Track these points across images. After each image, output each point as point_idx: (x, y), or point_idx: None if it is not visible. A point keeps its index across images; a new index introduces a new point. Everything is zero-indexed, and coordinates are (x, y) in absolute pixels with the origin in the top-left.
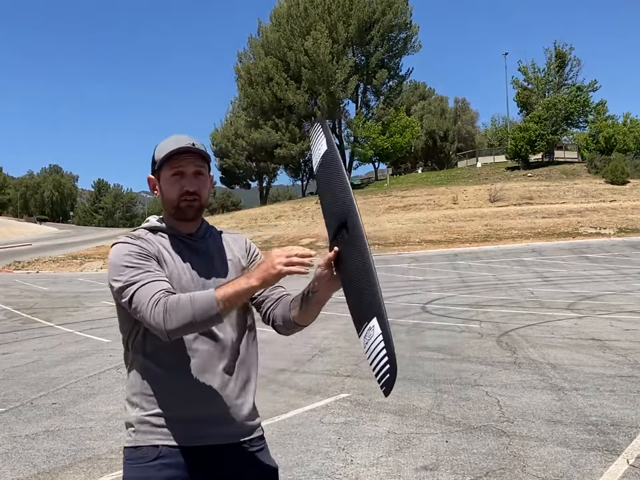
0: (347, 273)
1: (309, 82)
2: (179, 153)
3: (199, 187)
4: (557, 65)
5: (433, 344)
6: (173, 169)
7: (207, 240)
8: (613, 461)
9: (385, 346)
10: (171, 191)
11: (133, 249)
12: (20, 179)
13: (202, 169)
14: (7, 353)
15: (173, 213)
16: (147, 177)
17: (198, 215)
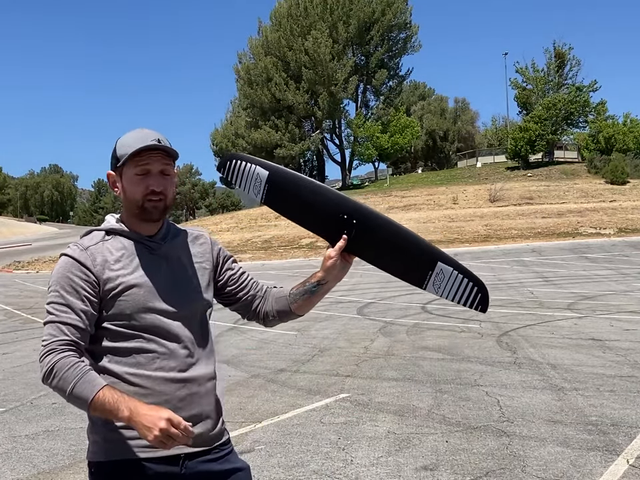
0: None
1: (309, 82)
2: (144, 150)
3: (165, 187)
4: (556, 65)
5: (433, 344)
6: (138, 167)
7: (170, 241)
8: (613, 461)
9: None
10: (135, 191)
11: (72, 273)
12: (20, 179)
13: (168, 168)
14: (7, 353)
15: (137, 213)
16: (106, 173)
17: (163, 215)
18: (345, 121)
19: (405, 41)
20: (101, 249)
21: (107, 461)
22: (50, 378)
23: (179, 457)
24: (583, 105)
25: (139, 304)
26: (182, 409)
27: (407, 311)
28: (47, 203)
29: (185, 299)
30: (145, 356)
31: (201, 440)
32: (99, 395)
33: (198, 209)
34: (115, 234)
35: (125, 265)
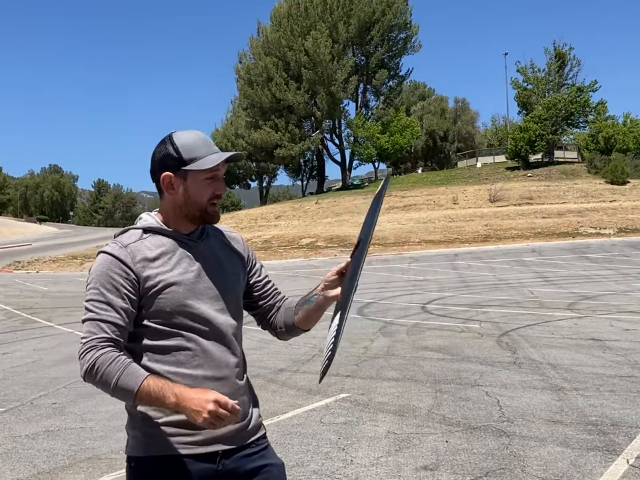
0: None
1: (309, 82)
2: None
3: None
4: (557, 65)
5: (433, 344)
6: (211, 172)
7: (207, 239)
8: (613, 461)
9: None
10: (202, 194)
11: (111, 270)
12: (20, 179)
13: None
14: (7, 353)
15: (197, 216)
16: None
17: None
18: (345, 121)
19: (405, 41)
20: (140, 246)
21: (146, 456)
22: (92, 374)
23: (217, 454)
24: (583, 105)
25: (178, 302)
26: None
27: (406, 311)
28: (46, 203)
29: (222, 297)
30: (185, 354)
31: (239, 436)
32: (144, 385)
33: None
34: (153, 232)
35: (164, 262)
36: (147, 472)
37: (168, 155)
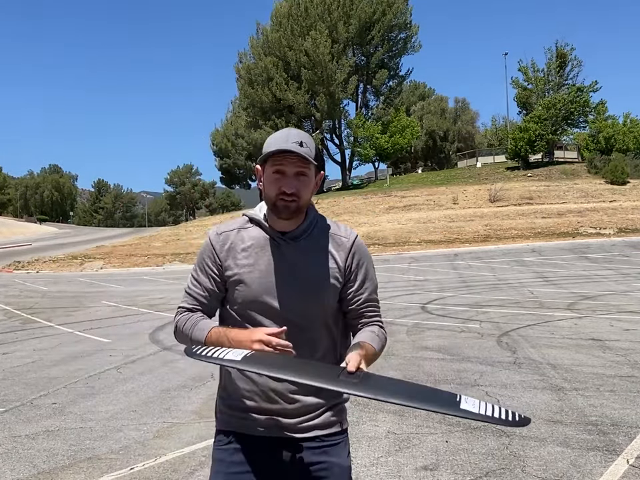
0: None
1: (308, 82)
2: (281, 152)
3: (298, 189)
4: (557, 65)
5: (433, 344)
6: (274, 167)
7: (303, 241)
8: (613, 461)
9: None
10: (270, 189)
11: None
12: (20, 179)
13: (305, 170)
14: (7, 353)
15: (271, 209)
16: (255, 167)
17: (294, 215)
18: (344, 121)
19: (405, 41)
20: (235, 236)
21: (219, 429)
22: (176, 334)
23: (277, 440)
24: (583, 105)
25: (248, 297)
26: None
27: (406, 310)
28: (46, 203)
29: (296, 299)
30: None
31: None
32: (208, 337)
33: (198, 209)
34: (255, 223)
35: (248, 255)
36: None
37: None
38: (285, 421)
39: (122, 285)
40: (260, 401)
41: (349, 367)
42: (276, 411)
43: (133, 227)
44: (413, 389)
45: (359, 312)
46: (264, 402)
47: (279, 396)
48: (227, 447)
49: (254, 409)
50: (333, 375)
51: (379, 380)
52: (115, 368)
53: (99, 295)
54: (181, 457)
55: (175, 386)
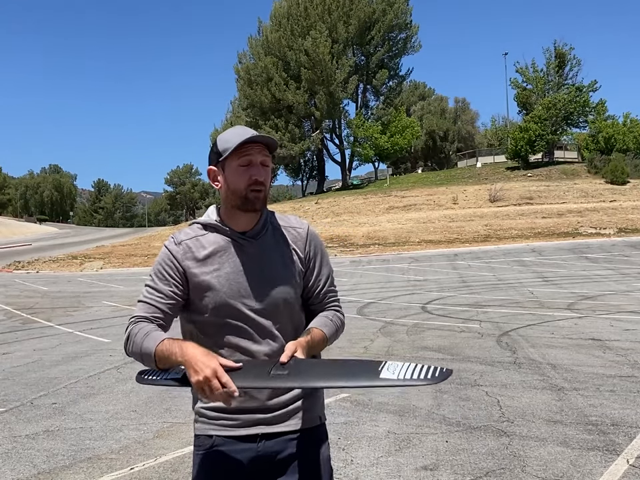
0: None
1: (308, 82)
2: (247, 143)
3: (266, 177)
4: (556, 65)
5: (433, 344)
6: (242, 158)
7: (263, 237)
8: (613, 461)
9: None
10: (238, 181)
11: (165, 262)
12: (20, 179)
13: (267, 159)
14: (7, 353)
15: (239, 204)
16: (207, 169)
17: (264, 206)
18: (344, 121)
19: (405, 41)
20: (194, 244)
21: (198, 434)
22: (126, 346)
23: (257, 436)
24: (582, 104)
25: (220, 301)
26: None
27: (406, 310)
28: (46, 203)
29: (268, 297)
30: (227, 349)
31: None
32: (159, 346)
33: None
34: (211, 228)
35: (211, 261)
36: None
37: (211, 152)
38: (264, 417)
39: (122, 284)
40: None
41: (281, 358)
42: (255, 408)
43: (133, 226)
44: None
45: (317, 299)
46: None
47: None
48: (208, 450)
49: (234, 410)
50: (264, 371)
51: (308, 366)
52: (115, 368)
53: (99, 294)
54: (180, 457)
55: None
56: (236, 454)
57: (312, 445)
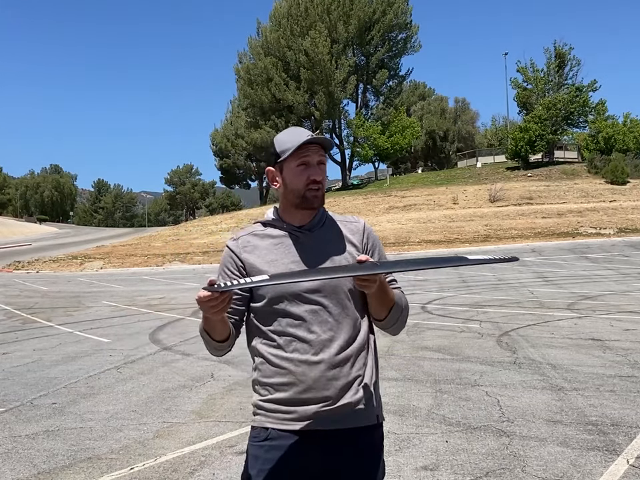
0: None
1: (307, 82)
2: (305, 144)
3: (323, 177)
4: (556, 65)
5: (433, 344)
6: (300, 159)
7: (318, 231)
8: (613, 461)
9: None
10: (297, 181)
11: (226, 259)
12: (20, 179)
13: (324, 159)
14: (7, 353)
15: (298, 203)
16: (265, 170)
17: (322, 204)
18: (344, 120)
19: (405, 41)
20: (252, 238)
21: (254, 426)
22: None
23: (314, 432)
24: (582, 104)
25: (277, 290)
26: (316, 390)
27: None
28: (47, 203)
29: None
30: (284, 339)
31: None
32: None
33: (198, 209)
34: (270, 225)
35: (269, 252)
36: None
37: (269, 153)
38: (321, 411)
39: (122, 284)
40: (297, 392)
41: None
42: (313, 399)
43: (133, 226)
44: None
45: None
46: (301, 393)
47: (316, 382)
48: (262, 443)
49: (291, 401)
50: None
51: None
52: (115, 368)
53: (99, 294)
54: (181, 457)
55: (175, 386)
56: (290, 448)
57: (368, 446)
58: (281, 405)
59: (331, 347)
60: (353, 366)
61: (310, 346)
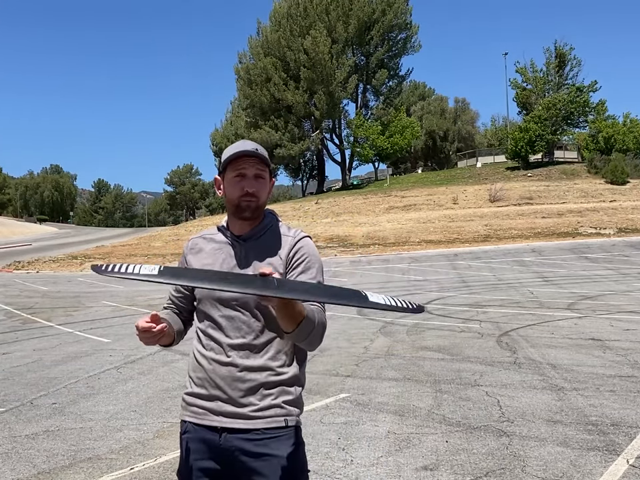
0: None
1: (307, 81)
2: (241, 157)
3: (258, 189)
4: (556, 65)
5: (433, 344)
6: (235, 171)
7: (254, 242)
8: (613, 461)
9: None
10: (232, 192)
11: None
12: (20, 179)
13: (262, 173)
14: (7, 353)
15: (233, 211)
16: (214, 177)
17: (255, 214)
18: (344, 120)
19: (405, 41)
20: (202, 241)
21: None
22: None
23: (219, 428)
24: (582, 105)
25: (203, 293)
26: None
27: None
28: (47, 203)
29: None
30: (205, 338)
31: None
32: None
33: (198, 209)
34: (220, 231)
35: (208, 256)
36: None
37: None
38: (228, 410)
39: (122, 285)
40: (209, 388)
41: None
42: (221, 397)
43: (133, 227)
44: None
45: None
46: (212, 388)
47: (224, 380)
48: (183, 436)
49: (203, 396)
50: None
51: (294, 283)
52: (115, 368)
53: (99, 294)
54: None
55: (175, 386)
56: (201, 442)
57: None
58: (196, 398)
59: (241, 352)
60: (261, 372)
61: (223, 348)
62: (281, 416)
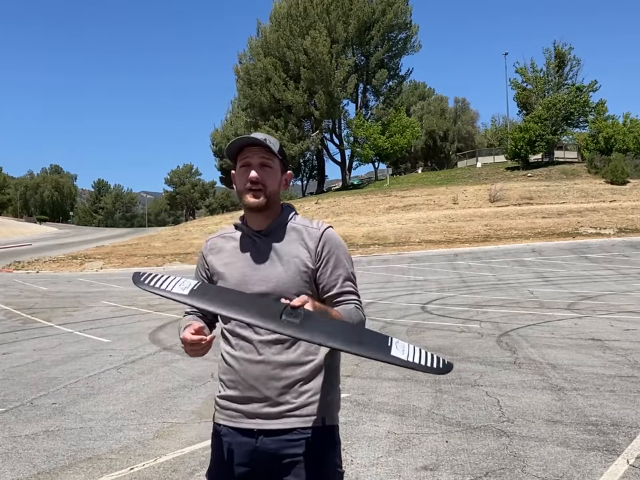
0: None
1: (307, 81)
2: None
3: (263, 177)
4: (556, 65)
5: (433, 344)
6: (241, 161)
7: (275, 235)
8: (613, 461)
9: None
10: (239, 182)
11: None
12: (20, 179)
13: (268, 161)
14: (7, 353)
15: (243, 203)
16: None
17: (263, 205)
18: (344, 120)
19: (405, 41)
20: (220, 240)
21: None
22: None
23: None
24: (582, 105)
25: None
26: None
27: (406, 311)
28: (46, 203)
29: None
30: (234, 338)
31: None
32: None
33: (198, 209)
34: (238, 228)
35: (229, 255)
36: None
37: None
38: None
39: (122, 285)
40: (242, 390)
41: (292, 302)
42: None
43: (133, 227)
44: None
45: (335, 297)
46: (245, 390)
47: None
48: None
49: (236, 399)
50: (276, 313)
51: (319, 322)
52: (115, 368)
53: (99, 294)
54: (180, 457)
55: (175, 386)
56: (236, 446)
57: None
58: (230, 402)
59: (273, 348)
60: (296, 368)
61: (253, 346)
62: (318, 414)
